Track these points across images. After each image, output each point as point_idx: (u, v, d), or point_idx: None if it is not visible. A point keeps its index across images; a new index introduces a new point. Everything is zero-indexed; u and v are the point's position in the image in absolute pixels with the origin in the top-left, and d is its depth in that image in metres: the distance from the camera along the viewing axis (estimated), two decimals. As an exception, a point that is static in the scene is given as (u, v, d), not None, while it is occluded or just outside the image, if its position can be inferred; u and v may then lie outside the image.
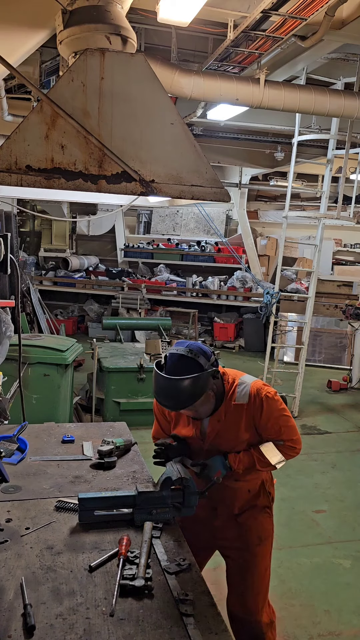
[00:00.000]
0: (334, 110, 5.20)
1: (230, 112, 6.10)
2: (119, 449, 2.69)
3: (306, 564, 3.76)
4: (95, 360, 5.96)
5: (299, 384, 7.05)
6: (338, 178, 8.50)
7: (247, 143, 8.78)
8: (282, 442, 2.31)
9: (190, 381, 2.10)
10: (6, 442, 2.65)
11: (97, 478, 2.49)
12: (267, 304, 7.28)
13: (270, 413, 2.28)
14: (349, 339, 9.28)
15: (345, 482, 5.15)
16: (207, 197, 2.18)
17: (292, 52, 4.97)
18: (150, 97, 2.12)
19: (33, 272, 11.36)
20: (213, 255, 11.48)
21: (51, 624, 1.56)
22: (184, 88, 4.73)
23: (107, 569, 1.83)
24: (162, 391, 2.17)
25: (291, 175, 7.17)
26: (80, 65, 2.04)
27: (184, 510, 2.16)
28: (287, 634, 3.04)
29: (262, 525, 2.43)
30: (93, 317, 11.49)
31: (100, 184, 2.03)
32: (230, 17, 4.29)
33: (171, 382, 2.12)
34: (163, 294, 11.14)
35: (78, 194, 3.98)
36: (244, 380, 2.34)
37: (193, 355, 2.17)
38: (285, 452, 2.32)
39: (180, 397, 2.13)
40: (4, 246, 2.70)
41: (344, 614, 3.26)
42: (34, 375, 4.88)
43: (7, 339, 2.92)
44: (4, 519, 2.09)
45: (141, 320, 9.32)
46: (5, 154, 1.93)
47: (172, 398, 2.17)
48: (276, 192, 12.23)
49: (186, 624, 1.59)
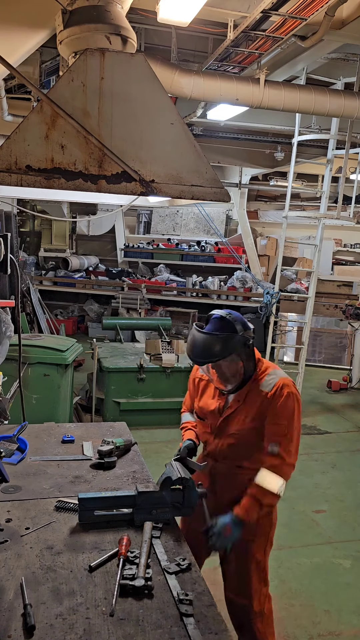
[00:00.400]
0: (334, 110, 5.20)
1: (230, 112, 6.10)
2: (119, 449, 2.69)
3: (306, 564, 3.76)
4: (95, 360, 5.96)
5: (299, 384, 7.06)
6: (338, 178, 8.50)
7: (247, 143, 8.78)
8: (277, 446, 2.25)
9: (220, 338, 2.23)
10: (6, 442, 2.65)
11: (97, 478, 2.49)
12: (267, 304, 7.29)
13: (285, 410, 2.27)
14: (349, 339, 9.28)
15: (345, 482, 5.15)
16: (207, 197, 2.18)
17: (292, 52, 4.96)
18: (150, 97, 2.12)
19: (33, 272, 11.35)
20: (213, 255, 11.48)
21: (51, 624, 1.56)
22: (184, 88, 4.73)
23: (107, 569, 1.84)
24: (194, 344, 2.28)
25: (291, 175, 7.17)
26: (80, 65, 2.04)
27: (184, 510, 2.16)
28: (287, 634, 3.04)
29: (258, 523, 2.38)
30: (93, 317, 11.49)
31: (100, 184, 2.03)
32: (230, 17, 4.28)
33: (203, 335, 2.25)
34: (163, 294, 11.13)
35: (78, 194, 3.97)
36: (276, 373, 2.38)
37: (231, 318, 2.30)
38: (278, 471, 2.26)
39: (208, 350, 2.24)
40: (4, 246, 2.70)
41: (344, 614, 3.26)
42: (34, 375, 4.87)
43: (7, 339, 2.92)
44: (4, 519, 2.09)
45: (141, 320, 9.32)
46: (5, 154, 1.93)
47: (201, 350, 2.26)
48: (276, 192, 12.23)
49: (186, 624, 1.59)
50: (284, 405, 2.27)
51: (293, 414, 2.28)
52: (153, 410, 6.20)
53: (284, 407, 2.27)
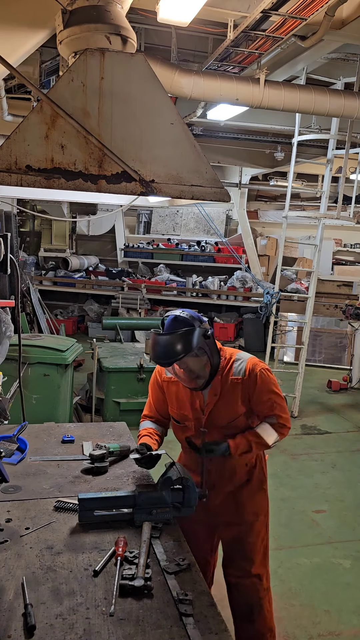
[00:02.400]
0: (334, 110, 5.20)
1: (230, 112, 6.09)
2: (112, 454, 2.64)
3: (306, 564, 3.76)
4: (95, 360, 5.96)
5: (299, 384, 7.05)
6: (338, 178, 8.50)
7: (247, 143, 8.77)
8: (274, 418, 2.40)
9: (180, 335, 2.24)
10: (6, 442, 2.65)
11: (97, 478, 2.49)
12: (267, 304, 7.29)
13: (265, 386, 2.40)
14: (349, 339, 9.28)
15: (345, 482, 5.15)
16: (207, 197, 2.18)
17: (292, 52, 4.96)
18: (150, 97, 2.12)
19: (33, 272, 11.35)
20: (213, 255, 11.48)
21: (51, 624, 1.56)
22: (184, 88, 4.73)
23: (107, 569, 1.84)
24: (156, 347, 2.29)
25: (291, 175, 7.17)
26: (80, 65, 2.04)
27: (184, 510, 2.16)
28: (287, 634, 3.04)
29: (258, 503, 2.55)
30: (93, 317, 11.49)
31: (100, 184, 2.03)
32: (230, 17, 4.28)
33: (163, 337, 2.26)
34: (163, 294, 11.13)
35: (78, 194, 3.98)
36: (241, 357, 2.45)
37: (185, 315, 2.33)
38: (278, 430, 2.42)
39: (171, 349, 2.24)
40: (4, 246, 2.70)
41: (344, 614, 3.26)
42: (34, 375, 4.87)
43: (7, 339, 2.93)
44: (4, 519, 2.09)
45: (141, 320, 9.32)
46: (5, 154, 1.93)
47: (165, 352, 2.26)
48: (276, 192, 12.23)
49: (185, 624, 1.59)
50: (262, 382, 2.39)
51: (272, 385, 2.42)
52: (153, 410, 6.19)
53: (263, 384, 2.39)
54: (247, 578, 2.52)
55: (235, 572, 2.55)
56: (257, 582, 2.53)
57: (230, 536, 2.55)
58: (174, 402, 2.53)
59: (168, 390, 2.56)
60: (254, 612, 2.53)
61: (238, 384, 2.39)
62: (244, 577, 2.53)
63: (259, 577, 2.53)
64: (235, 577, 2.55)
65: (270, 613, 2.57)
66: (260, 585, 2.53)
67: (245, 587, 2.53)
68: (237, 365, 2.41)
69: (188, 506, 2.16)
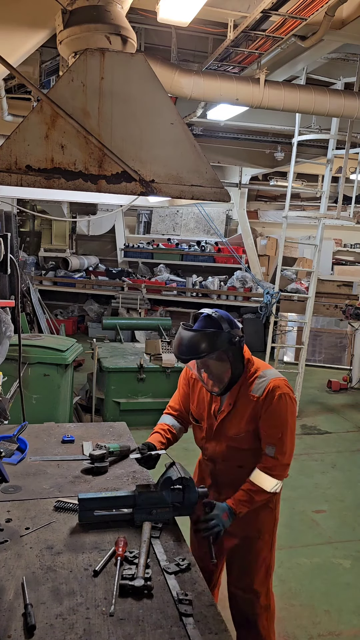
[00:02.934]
0: (334, 110, 5.20)
1: (230, 112, 6.09)
2: (113, 454, 2.64)
3: (306, 564, 3.76)
4: (95, 360, 5.96)
5: (299, 384, 7.05)
6: (338, 178, 8.49)
7: (247, 143, 8.77)
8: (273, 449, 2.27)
9: (206, 334, 2.21)
10: (6, 442, 2.65)
11: (97, 478, 2.49)
12: (267, 304, 7.28)
13: (278, 413, 2.27)
14: (349, 339, 9.28)
15: (345, 482, 5.15)
16: (207, 197, 2.18)
17: (292, 52, 4.96)
18: (150, 97, 2.12)
19: (33, 272, 11.35)
20: (213, 255, 11.47)
21: (51, 624, 1.56)
22: (184, 88, 4.73)
23: (107, 569, 1.84)
24: (180, 341, 2.26)
25: (291, 175, 7.17)
26: (80, 65, 2.04)
27: (184, 510, 2.16)
28: (287, 634, 3.04)
29: (262, 520, 2.46)
30: (93, 317, 11.49)
31: (100, 184, 2.03)
32: (230, 17, 4.28)
33: (189, 332, 2.23)
34: (163, 294, 11.13)
35: (78, 194, 3.97)
36: (266, 374, 2.33)
37: (217, 316, 2.28)
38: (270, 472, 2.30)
39: (192, 347, 2.21)
40: (4, 246, 2.70)
41: (344, 614, 3.26)
42: (34, 375, 4.87)
43: (7, 339, 2.92)
44: (4, 519, 2.09)
45: (141, 320, 9.32)
46: (5, 154, 1.93)
47: (187, 347, 2.23)
48: (276, 192, 12.23)
49: (185, 624, 1.59)
50: (276, 409, 2.26)
51: (286, 416, 2.28)
52: (153, 410, 6.18)
53: (276, 410, 2.26)
54: (244, 592, 2.48)
55: (234, 582, 2.52)
56: (254, 598, 2.47)
57: (230, 547, 2.50)
58: (195, 400, 2.52)
59: (193, 387, 2.55)
60: (249, 623, 2.50)
61: (253, 402, 2.29)
62: (242, 591, 2.49)
63: (257, 594, 2.47)
64: (234, 587, 2.52)
65: (266, 629, 2.51)
66: (257, 602, 2.47)
67: (242, 599, 2.50)
68: (259, 382, 2.30)
69: (188, 506, 2.16)
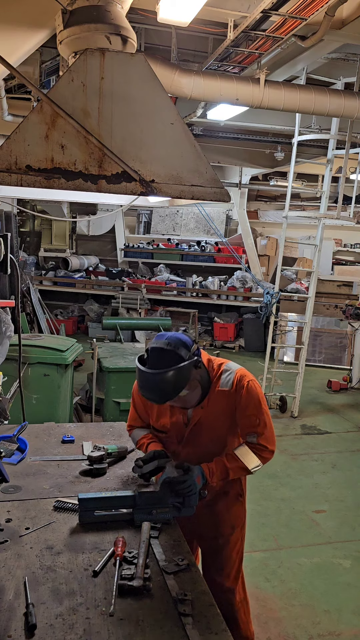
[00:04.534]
0: (334, 110, 5.20)
1: (230, 112, 6.09)
2: (111, 455, 2.63)
3: (306, 564, 3.76)
4: (95, 360, 5.95)
5: (299, 384, 7.05)
6: (338, 178, 8.49)
7: (247, 143, 8.77)
8: (255, 436, 2.28)
9: (171, 374, 2.08)
10: (6, 442, 2.65)
11: (97, 478, 2.49)
12: (267, 304, 7.28)
13: (251, 399, 2.29)
14: (349, 339, 9.28)
15: (345, 482, 5.15)
16: (207, 197, 2.18)
17: (292, 52, 4.96)
18: (150, 97, 2.12)
19: (33, 272, 11.35)
20: (213, 255, 11.48)
21: (51, 624, 1.56)
22: (184, 88, 4.73)
23: (107, 569, 1.84)
24: (146, 385, 2.16)
25: (291, 175, 7.17)
26: (80, 65, 2.04)
27: (184, 510, 2.16)
28: (287, 634, 3.04)
29: (235, 515, 2.49)
30: (93, 317, 11.49)
31: (100, 184, 2.03)
32: (230, 17, 4.28)
33: (153, 376, 2.11)
34: (163, 294, 11.14)
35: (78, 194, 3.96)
36: (229, 367, 2.35)
37: (172, 347, 2.15)
38: (259, 454, 2.29)
39: (164, 390, 2.12)
40: (4, 246, 2.70)
41: (344, 614, 3.26)
42: (34, 375, 4.87)
43: (7, 339, 2.93)
44: (4, 519, 2.09)
45: (141, 320, 9.32)
46: (5, 154, 1.93)
47: (156, 392, 2.15)
48: (276, 192, 12.23)
49: (185, 624, 1.59)
50: (248, 396, 2.28)
51: (259, 401, 2.30)
52: (153, 410, 6.19)
53: (248, 398, 2.28)
54: (220, 593, 2.42)
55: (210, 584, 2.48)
56: (230, 597, 2.48)
57: (206, 548, 2.51)
58: (154, 414, 2.45)
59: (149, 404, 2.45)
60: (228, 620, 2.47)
61: (225, 396, 2.30)
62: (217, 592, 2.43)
63: (232, 591, 2.49)
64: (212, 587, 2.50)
65: (245, 623, 2.53)
66: (233, 600, 2.49)
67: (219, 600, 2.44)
68: (225, 377, 2.32)
69: (188, 506, 2.16)
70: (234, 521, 2.49)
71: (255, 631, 3.01)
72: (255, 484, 4.96)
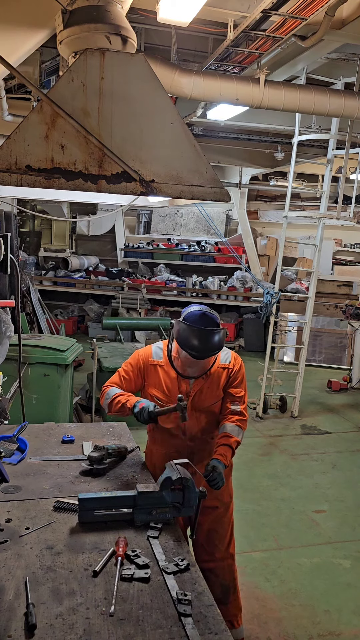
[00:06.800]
0: (334, 110, 5.20)
1: (230, 112, 6.09)
2: (111, 455, 2.63)
3: (306, 564, 3.76)
4: (95, 360, 5.96)
5: (299, 384, 7.05)
6: (338, 178, 8.49)
7: (247, 143, 8.77)
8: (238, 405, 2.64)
9: (220, 333, 2.48)
10: (6, 442, 2.65)
11: (97, 478, 2.48)
12: (267, 304, 7.27)
13: (241, 374, 2.73)
14: (349, 339, 9.28)
15: (345, 482, 5.15)
16: (207, 197, 2.19)
17: (292, 52, 4.96)
18: (150, 97, 2.12)
19: (33, 272, 11.35)
20: (213, 255, 11.48)
21: (51, 624, 1.56)
22: (184, 88, 4.73)
23: (107, 569, 1.84)
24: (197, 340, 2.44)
25: (291, 175, 7.17)
26: (80, 65, 2.04)
27: (184, 510, 2.16)
28: (287, 634, 3.04)
29: (230, 484, 2.79)
30: (93, 317, 11.49)
31: (100, 184, 2.03)
32: (230, 17, 4.28)
33: (207, 332, 2.45)
34: (163, 294, 11.13)
35: (78, 194, 3.98)
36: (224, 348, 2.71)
37: (212, 314, 2.55)
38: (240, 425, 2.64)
39: (215, 344, 2.47)
40: (4, 246, 2.70)
41: (344, 614, 3.26)
42: (34, 375, 4.88)
43: (7, 339, 2.93)
44: (4, 519, 2.09)
45: (141, 320, 9.32)
46: (5, 154, 1.93)
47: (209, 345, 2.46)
48: (276, 192, 12.23)
49: (185, 624, 1.59)
50: (240, 371, 2.72)
51: (244, 376, 2.75)
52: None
53: (240, 373, 2.71)
54: (224, 560, 2.74)
55: (213, 556, 2.72)
56: (231, 563, 2.77)
57: (210, 519, 2.70)
58: (160, 385, 2.66)
59: (152, 373, 2.69)
60: (229, 594, 2.73)
61: (224, 370, 2.67)
62: (221, 560, 2.72)
63: (232, 556, 2.79)
64: (214, 561, 2.72)
65: (239, 592, 2.81)
66: (233, 565, 2.79)
67: (222, 569, 2.73)
68: (224, 354, 2.70)
69: (188, 506, 2.16)
70: (230, 491, 2.80)
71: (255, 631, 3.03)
72: (255, 484, 4.96)
